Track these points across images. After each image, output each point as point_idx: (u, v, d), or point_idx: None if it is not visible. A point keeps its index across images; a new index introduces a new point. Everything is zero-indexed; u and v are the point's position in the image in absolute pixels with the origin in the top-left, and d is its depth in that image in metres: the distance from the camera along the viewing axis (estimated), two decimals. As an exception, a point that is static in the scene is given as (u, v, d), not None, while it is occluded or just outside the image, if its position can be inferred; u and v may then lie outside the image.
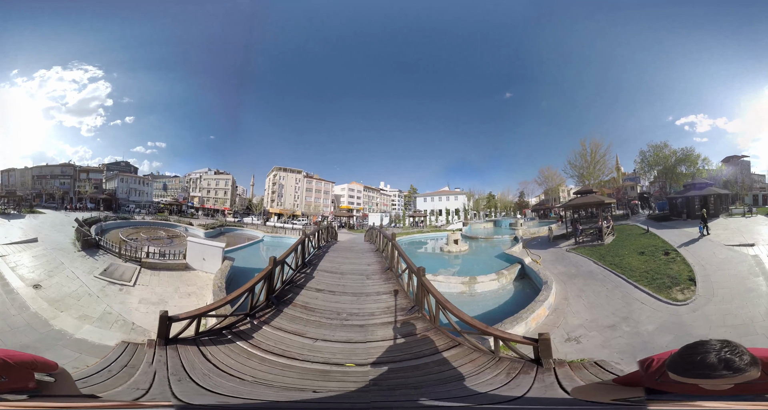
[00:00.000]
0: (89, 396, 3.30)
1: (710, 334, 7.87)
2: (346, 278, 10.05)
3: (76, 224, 16.65)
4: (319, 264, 11.60)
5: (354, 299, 8.03)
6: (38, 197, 31.45)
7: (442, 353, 5.20)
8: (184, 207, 46.91)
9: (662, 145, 24.58)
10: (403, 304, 7.62)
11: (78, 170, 35.23)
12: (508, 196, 45.12)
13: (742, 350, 1.64)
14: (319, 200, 61.08)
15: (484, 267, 16.41)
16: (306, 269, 10.62)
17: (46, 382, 2.46)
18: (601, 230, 17.43)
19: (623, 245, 16.48)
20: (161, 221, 30.32)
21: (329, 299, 7.99)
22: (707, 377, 1.63)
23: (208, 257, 13.72)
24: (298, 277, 9.72)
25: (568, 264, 15.21)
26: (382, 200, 73.93)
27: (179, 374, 4.23)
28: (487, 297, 12.77)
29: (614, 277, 12.97)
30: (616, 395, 2.58)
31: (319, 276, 9.92)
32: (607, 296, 11.32)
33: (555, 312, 10.16)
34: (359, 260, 13.18)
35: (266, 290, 7.38)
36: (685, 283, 11.01)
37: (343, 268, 11.34)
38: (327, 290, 8.64)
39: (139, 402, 3.62)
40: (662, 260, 13.50)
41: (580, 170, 26.58)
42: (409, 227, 41.29)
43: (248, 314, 6.61)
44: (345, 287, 9.05)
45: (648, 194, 25.99)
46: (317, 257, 12.97)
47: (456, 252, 21.50)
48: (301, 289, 8.57)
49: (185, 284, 11.97)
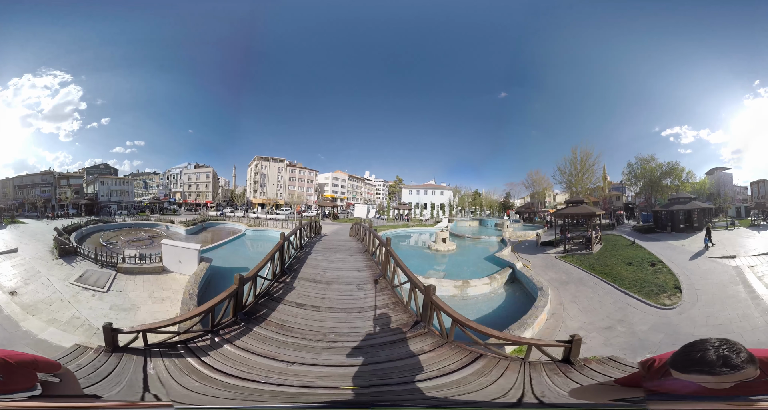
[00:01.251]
0: (91, 396, 3.40)
1: (695, 332, 8.90)
2: (332, 289, 8.95)
3: (55, 233, 16.93)
4: (301, 270, 10.52)
5: (343, 317, 7.00)
6: (20, 207, 31.61)
7: (469, 366, 4.86)
8: (166, 204, 46.13)
9: (649, 158, 25.37)
10: (404, 319, 6.89)
11: (58, 176, 35.14)
12: (493, 195, 45.49)
13: (739, 348, 1.71)
14: (303, 189, 59.88)
15: (474, 269, 16.28)
16: (285, 278, 9.56)
17: (51, 382, 2.51)
18: (590, 239, 17.63)
19: (611, 256, 16.74)
20: (142, 221, 29.73)
21: (312, 317, 6.92)
22: (706, 373, 1.69)
23: (184, 259, 13.03)
24: (275, 288, 8.72)
25: (559, 271, 15.30)
26: (367, 190, 73.44)
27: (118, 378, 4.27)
28: (480, 301, 12.61)
29: (604, 285, 13.33)
30: (616, 395, 2.65)
31: (300, 287, 8.85)
32: (599, 302, 11.76)
33: (553, 316, 10.30)
34: (346, 264, 12.08)
35: (233, 308, 6.55)
36: (672, 290, 11.84)
37: (328, 275, 10.21)
38: (310, 306, 7.56)
39: (138, 402, 3.73)
40: (649, 270, 14.02)
41: (568, 176, 26.98)
42: (394, 220, 41.13)
43: (210, 330, 5.90)
44: (332, 300, 8.01)
45: (633, 204, 26.67)
46: (299, 261, 11.86)
47: (444, 251, 21.03)
48: (278, 303, 7.58)
49: (161, 288, 11.66)
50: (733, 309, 9.99)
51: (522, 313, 9.52)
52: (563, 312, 10.74)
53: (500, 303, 12.42)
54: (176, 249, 13.53)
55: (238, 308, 6.67)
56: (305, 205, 57.09)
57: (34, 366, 2.39)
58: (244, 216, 37.28)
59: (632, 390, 2.48)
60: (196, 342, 5.54)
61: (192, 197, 51.63)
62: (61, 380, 2.60)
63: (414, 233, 30.76)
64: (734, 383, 1.74)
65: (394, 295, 8.42)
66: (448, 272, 15.90)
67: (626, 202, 27.63)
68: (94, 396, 3.48)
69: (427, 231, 31.39)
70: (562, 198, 34.05)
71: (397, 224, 33.73)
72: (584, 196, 25.13)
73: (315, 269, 10.76)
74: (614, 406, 2.64)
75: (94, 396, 3.46)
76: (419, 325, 6.41)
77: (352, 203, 65.79)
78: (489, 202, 44.86)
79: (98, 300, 10.43)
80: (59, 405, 2.50)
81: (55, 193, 34.30)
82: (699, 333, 8.49)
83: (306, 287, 8.83)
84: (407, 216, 42.71)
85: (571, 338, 4.91)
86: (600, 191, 28.28)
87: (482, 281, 13.60)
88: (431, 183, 50.77)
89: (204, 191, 52.85)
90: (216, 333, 5.91)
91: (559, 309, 10.91)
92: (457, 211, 43.12)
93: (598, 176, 27.48)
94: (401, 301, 7.88)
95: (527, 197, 39.66)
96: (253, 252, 20.24)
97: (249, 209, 50.77)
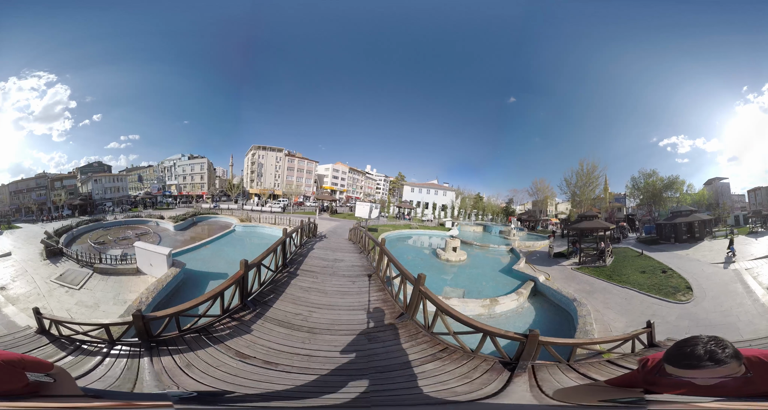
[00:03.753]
0: (90, 396, 3.36)
1: (708, 317, 11.67)
2: (317, 357, 5.56)
3: (44, 236, 18.23)
4: (273, 307, 7.45)
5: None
6: (17, 211, 31.90)
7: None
8: (159, 198, 45.28)
9: (651, 172, 26.67)
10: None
11: (51, 179, 35.16)
12: (496, 200, 45.65)
13: (726, 344, 1.83)
14: (301, 179, 59.27)
15: (494, 284, 15.92)
16: (246, 314, 6.96)
17: (44, 383, 2.49)
18: (603, 251, 18.70)
19: (624, 266, 17.91)
20: (133, 218, 29.85)
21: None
22: (695, 367, 1.82)
23: (155, 263, 13.07)
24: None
25: (581, 282, 16.23)
26: (368, 184, 73.06)
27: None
28: (511, 317, 12.67)
29: (627, 291, 14.92)
30: (612, 395, 2.63)
31: (269, 338, 6.11)
32: (629, 305, 13.51)
33: (597, 321, 11.26)
34: (346, 296, 8.65)
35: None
36: (684, 290, 14.02)
37: (319, 321, 6.85)
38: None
39: (138, 402, 3.75)
40: (662, 276, 15.75)
41: (574, 187, 28.02)
42: (395, 218, 40.70)
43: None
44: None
45: (633, 215, 27.97)
46: (276, 289, 8.60)
47: (455, 261, 19.85)
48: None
49: (128, 290, 12.25)
50: (733, 300, 12.74)
51: (558, 325, 10.20)
52: (602, 316, 11.97)
53: (533, 317, 12.76)
54: (147, 253, 13.48)
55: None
56: (303, 196, 56.64)
57: (21, 366, 2.33)
58: (241, 208, 36.72)
59: (628, 390, 2.49)
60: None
61: (187, 189, 50.47)
62: (56, 380, 2.56)
63: (418, 236, 30.18)
64: (721, 378, 1.84)
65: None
66: (467, 289, 14.69)
67: (627, 213, 28.83)
68: (92, 395, 3.48)
69: (430, 234, 31.03)
70: (563, 207, 35.15)
71: (398, 225, 33.35)
72: (588, 207, 26.25)
73: (298, 310, 7.40)
74: (611, 406, 2.60)
75: (93, 396, 3.44)
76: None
77: (351, 196, 65.48)
78: (491, 207, 45.12)
79: (69, 296, 11.74)
80: (56, 405, 2.47)
81: (50, 195, 34.17)
82: (711, 318, 11.60)
83: (281, 358, 5.49)
84: (409, 216, 41.94)
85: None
86: (602, 201, 29.16)
87: (510, 298, 13.45)
88: (434, 183, 49.96)
89: (199, 182, 51.71)
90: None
91: (597, 314, 11.89)
92: (458, 214, 43.44)
93: (601, 188, 28.55)
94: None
95: (527, 203, 40.58)
96: (239, 254, 16.64)
97: (246, 200, 50.03)
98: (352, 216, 36.31)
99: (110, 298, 11.62)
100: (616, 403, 2.51)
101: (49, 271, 13.91)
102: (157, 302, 10.55)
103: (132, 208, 37.34)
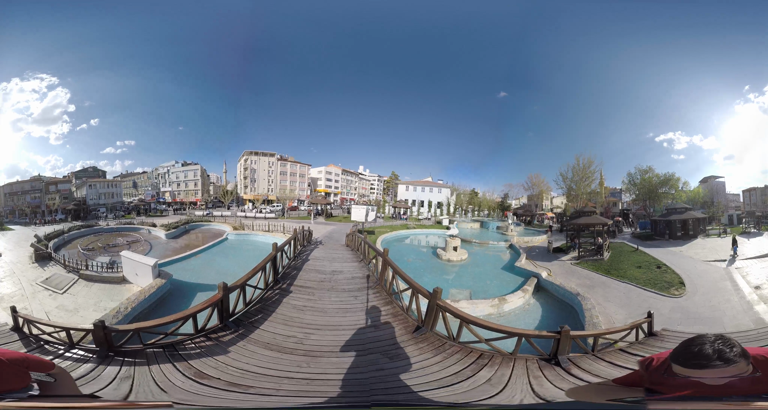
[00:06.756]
0: (89, 396, 3.34)
1: (697, 311, 12.40)
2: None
3: (34, 240, 18.58)
4: (256, 336, 6.56)
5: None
6: (11, 213, 31.95)
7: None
8: (153, 205, 45.11)
9: (647, 169, 26.99)
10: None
11: (46, 182, 35.10)
12: (492, 195, 45.85)
13: (733, 343, 1.80)
14: (295, 183, 59.12)
15: (499, 283, 15.99)
16: (228, 332, 6.57)
17: (46, 382, 2.49)
18: (601, 246, 19.09)
19: (620, 261, 18.47)
20: (125, 225, 29.28)
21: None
22: (704, 367, 1.79)
23: (140, 273, 12.98)
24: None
25: (581, 277, 16.71)
26: (361, 185, 72.82)
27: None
28: (519, 315, 12.81)
29: (624, 285, 15.60)
30: (615, 395, 2.62)
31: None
32: (627, 298, 14.12)
33: (601, 314, 11.68)
34: (347, 314, 7.85)
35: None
36: (677, 285, 14.75)
37: (319, 343, 6.30)
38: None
39: (138, 402, 3.73)
40: (657, 272, 16.50)
41: (570, 182, 28.37)
42: (391, 218, 40.71)
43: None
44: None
45: (628, 210, 28.36)
46: (264, 308, 7.90)
47: (456, 261, 19.65)
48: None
49: (110, 298, 12.18)
50: (722, 296, 13.67)
51: (564, 320, 10.38)
52: (604, 309, 12.52)
53: (541, 313, 13.02)
54: (133, 262, 13.39)
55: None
56: (297, 200, 56.44)
57: (25, 365, 2.34)
58: (235, 215, 36.20)
59: (632, 390, 2.47)
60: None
61: (181, 196, 49.96)
62: (56, 380, 2.55)
63: (416, 236, 29.85)
64: (729, 377, 1.81)
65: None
66: (472, 289, 14.63)
67: (623, 208, 29.16)
68: (92, 396, 3.42)
69: (429, 233, 30.84)
70: (559, 201, 35.47)
71: (396, 225, 33.02)
72: (584, 201, 26.63)
73: (288, 328, 6.89)
74: (613, 406, 2.55)
75: (92, 396, 3.39)
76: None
77: (346, 198, 65.30)
78: (487, 202, 44.79)
79: (51, 299, 11.94)
80: (57, 405, 2.44)
81: (44, 199, 34.18)
82: (700, 312, 12.24)
83: (260, 367, 5.43)
84: (405, 215, 41.83)
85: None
86: (597, 196, 29.44)
87: (517, 296, 13.65)
88: (428, 180, 50.03)
89: (193, 189, 51.22)
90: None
91: (598, 307, 12.32)
92: (454, 210, 43.28)
93: (597, 182, 28.90)
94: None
95: (523, 197, 40.89)
96: (230, 264, 16.44)
97: (239, 206, 49.64)
98: (347, 219, 35.88)
99: (91, 304, 11.66)
100: (624, 403, 2.45)
101: (36, 274, 14.24)
102: (138, 312, 10.38)
103: (125, 215, 36.92)
